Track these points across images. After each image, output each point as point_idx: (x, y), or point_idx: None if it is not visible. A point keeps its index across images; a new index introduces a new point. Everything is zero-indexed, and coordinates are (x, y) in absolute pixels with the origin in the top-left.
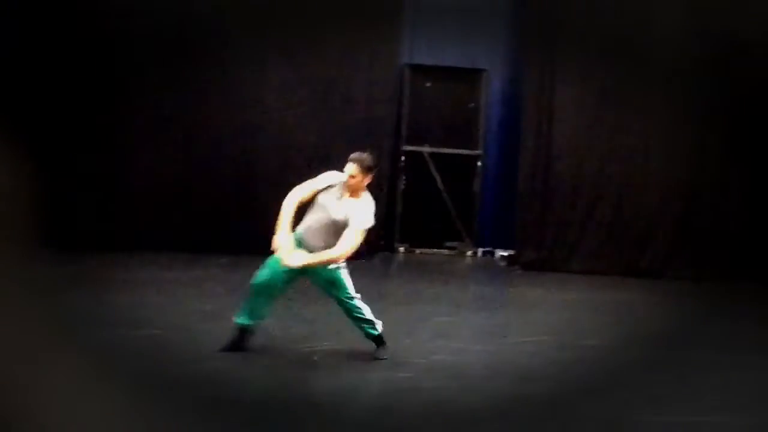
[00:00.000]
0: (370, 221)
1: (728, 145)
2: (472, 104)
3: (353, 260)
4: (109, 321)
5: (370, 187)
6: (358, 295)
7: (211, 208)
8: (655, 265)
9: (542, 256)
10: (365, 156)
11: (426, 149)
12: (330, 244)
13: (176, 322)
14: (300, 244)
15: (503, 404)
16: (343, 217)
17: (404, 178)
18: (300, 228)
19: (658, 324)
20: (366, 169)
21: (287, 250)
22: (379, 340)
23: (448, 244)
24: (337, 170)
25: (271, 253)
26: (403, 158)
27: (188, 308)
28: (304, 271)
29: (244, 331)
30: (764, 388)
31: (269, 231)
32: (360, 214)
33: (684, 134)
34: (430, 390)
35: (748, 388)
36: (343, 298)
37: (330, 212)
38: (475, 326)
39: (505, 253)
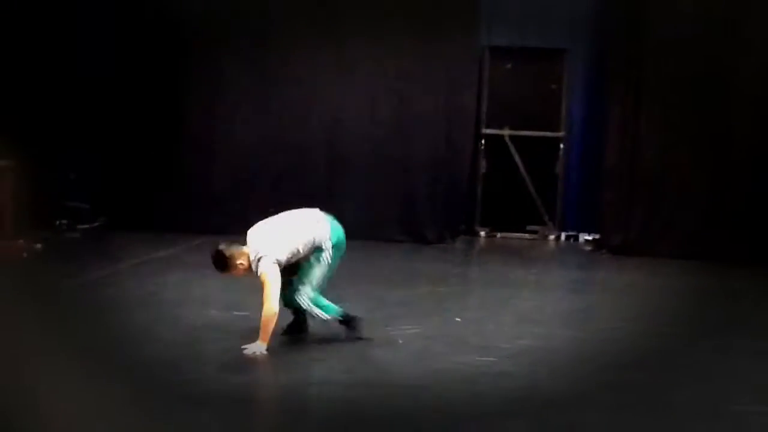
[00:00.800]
0: (269, 258)
1: None
2: (554, 85)
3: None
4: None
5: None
6: (311, 286)
7: (298, 195)
8: (748, 250)
9: (629, 239)
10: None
11: (506, 132)
12: None
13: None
14: None
15: (591, 391)
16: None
17: (485, 161)
18: None
19: (751, 312)
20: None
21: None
22: (344, 321)
23: (530, 227)
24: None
25: None
26: (483, 142)
27: None
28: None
29: (296, 313)
30: None
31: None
32: (258, 267)
33: None
34: (517, 375)
35: None
36: (297, 279)
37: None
38: (560, 311)
39: (590, 237)
